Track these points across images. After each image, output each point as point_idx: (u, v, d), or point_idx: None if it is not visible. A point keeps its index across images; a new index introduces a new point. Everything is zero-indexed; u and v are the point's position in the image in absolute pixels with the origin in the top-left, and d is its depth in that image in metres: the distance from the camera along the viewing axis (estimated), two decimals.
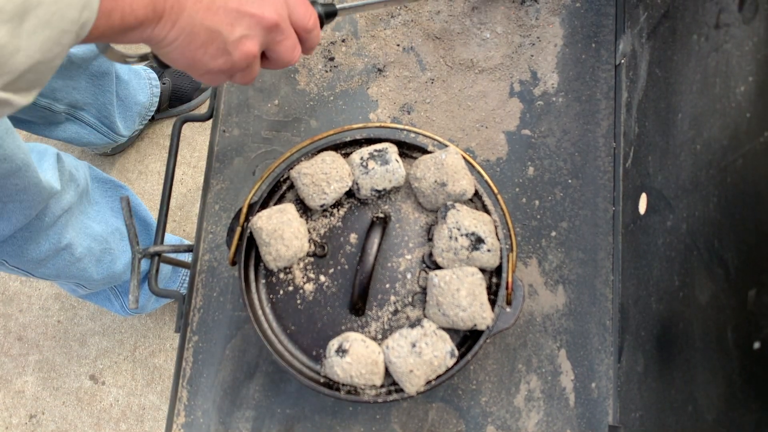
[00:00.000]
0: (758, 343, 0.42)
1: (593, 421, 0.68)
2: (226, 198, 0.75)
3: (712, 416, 0.47)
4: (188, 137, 1.51)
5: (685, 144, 0.56)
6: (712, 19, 0.54)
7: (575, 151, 0.75)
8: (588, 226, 0.73)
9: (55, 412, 1.41)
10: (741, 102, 0.47)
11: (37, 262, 0.96)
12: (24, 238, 0.92)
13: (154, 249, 0.73)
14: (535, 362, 0.69)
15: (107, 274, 1.11)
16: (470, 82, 0.78)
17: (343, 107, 0.78)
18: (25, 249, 0.93)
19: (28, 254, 0.94)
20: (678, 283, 0.55)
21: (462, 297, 0.58)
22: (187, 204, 1.49)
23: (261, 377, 0.70)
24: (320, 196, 0.62)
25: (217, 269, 0.73)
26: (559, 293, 0.71)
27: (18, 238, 0.91)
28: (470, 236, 0.60)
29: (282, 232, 0.60)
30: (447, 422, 0.68)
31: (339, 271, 0.63)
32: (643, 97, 0.68)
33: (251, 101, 0.79)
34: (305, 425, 0.68)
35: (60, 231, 0.96)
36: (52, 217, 0.92)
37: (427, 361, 0.57)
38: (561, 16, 0.79)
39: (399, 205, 0.65)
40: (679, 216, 0.56)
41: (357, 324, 0.62)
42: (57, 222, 0.94)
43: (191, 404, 0.69)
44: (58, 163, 0.93)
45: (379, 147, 0.63)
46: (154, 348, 1.43)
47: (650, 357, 0.60)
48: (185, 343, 0.71)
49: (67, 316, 1.46)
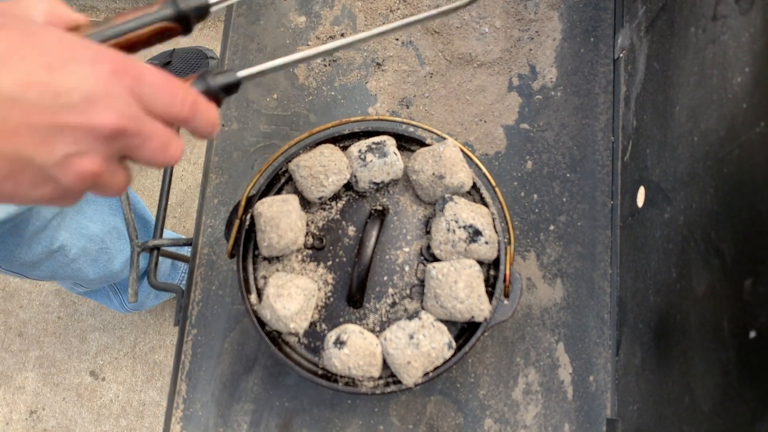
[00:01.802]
0: (754, 333, 0.42)
1: (591, 414, 0.68)
2: (224, 192, 0.75)
3: (708, 406, 0.47)
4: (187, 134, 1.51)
5: (683, 136, 0.57)
6: (709, 11, 0.54)
7: (574, 145, 0.75)
8: (586, 220, 0.73)
9: (55, 407, 1.41)
10: (738, 93, 0.47)
11: (30, 265, 0.96)
12: (14, 242, 0.91)
13: (153, 243, 0.73)
14: (534, 355, 0.69)
15: (104, 273, 1.10)
16: (469, 76, 0.78)
17: (342, 101, 0.78)
18: (17, 253, 0.92)
19: (20, 258, 0.93)
20: (675, 275, 0.55)
21: (460, 289, 0.58)
22: (187, 200, 1.50)
23: (260, 370, 0.70)
24: (318, 188, 0.62)
25: (216, 263, 0.73)
26: (557, 287, 0.71)
27: (8, 243, 0.90)
28: (468, 228, 0.60)
29: (278, 222, 0.60)
30: (445, 415, 0.68)
31: (337, 264, 0.63)
32: (642, 90, 0.69)
33: (250, 95, 0.79)
34: (304, 418, 0.68)
35: (52, 234, 0.95)
36: (42, 220, 0.92)
37: (424, 352, 0.57)
38: (560, 10, 0.79)
39: (397, 197, 0.65)
40: (676, 208, 0.56)
41: (355, 316, 0.62)
42: (48, 225, 0.93)
43: (190, 397, 0.69)
44: None
45: (378, 140, 0.63)
46: (154, 344, 1.43)
47: (648, 349, 0.60)
48: (184, 336, 0.71)
49: (67, 312, 1.46)
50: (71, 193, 0.40)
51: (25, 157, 0.36)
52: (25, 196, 0.38)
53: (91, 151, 0.38)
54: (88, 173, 0.38)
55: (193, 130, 0.43)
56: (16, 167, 0.36)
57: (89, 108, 0.37)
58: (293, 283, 0.59)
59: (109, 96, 0.37)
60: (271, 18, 0.81)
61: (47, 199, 0.39)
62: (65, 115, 0.36)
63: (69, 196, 0.40)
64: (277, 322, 0.58)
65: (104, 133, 0.37)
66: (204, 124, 0.43)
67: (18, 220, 0.87)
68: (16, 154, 0.36)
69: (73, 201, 0.41)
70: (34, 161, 0.36)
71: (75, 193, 0.40)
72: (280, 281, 0.59)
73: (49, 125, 0.36)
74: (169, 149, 0.42)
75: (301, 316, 0.59)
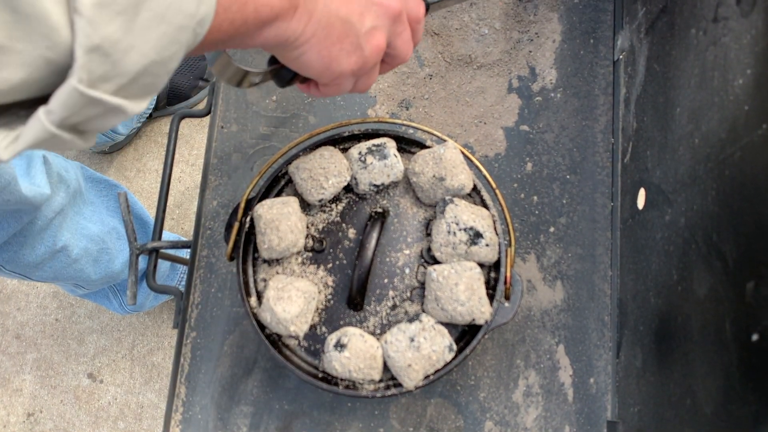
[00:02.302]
0: (756, 335, 0.42)
1: (592, 416, 0.68)
2: (224, 194, 0.75)
3: (710, 409, 0.47)
4: (186, 135, 1.51)
5: (684, 138, 0.56)
6: (710, 13, 0.54)
7: (573, 147, 0.75)
8: (586, 222, 0.73)
9: (53, 410, 1.40)
10: (739, 95, 0.47)
11: (33, 266, 0.96)
12: (19, 243, 0.91)
13: (152, 245, 0.73)
14: (534, 358, 0.69)
15: (105, 273, 1.10)
16: (468, 77, 0.78)
17: (341, 103, 0.78)
18: (21, 254, 0.92)
19: (24, 259, 0.93)
20: (676, 277, 0.55)
21: (460, 291, 0.58)
22: (185, 202, 1.49)
23: (259, 373, 0.69)
24: (318, 191, 0.62)
25: (215, 265, 0.73)
26: (557, 289, 0.71)
27: (13, 243, 0.90)
28: (468, 231, 0.60)
29: (278, 224, 0.59)
30: (445, 418, 0.68)
31: (337, 266, 0.63)
32: (642, 92, 0.68)
33: (249, 97, 0.78)
34: (303, 421, 0.68)
35: (54, 233, 0.95)
36: (44, 220, 0.92)
37: (425, 355, 0.57)
38: (559, 12, 0.79)
39: (397, 200, 0.65)
40: (677, 210, 0.56)
41: (355, 319, 0.62)
42: (50, 225, 0.94)
43: (189, 400, 0.69)
44: (45, 165, 0.92)
45: (378, 142, 0.63)
46: (152, 346, 1.43)
47: (649, 352, 0.60)
48: (183, 339, 0.71)
49: (65, 314, 1.45)
50: (366, 66, 0.48)
51: (350, 21, 0.45)
52: (342, 62, 0.46)
53: (383, 26, 0.48)
54: (380, 46, 0.48)
55: (416, 30, 0.53)
56: (345, 30, 0.45)
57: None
58: (293, 286, 0.59)
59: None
60: None
61: (351, 68, 0.47)
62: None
63: (362, 70, 0.48)
64: (278, 325, 0.58)
65: (392, 13, 0.48)
66: (421, 30, 0.54)
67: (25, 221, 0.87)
68: (348, 17, 0.45)
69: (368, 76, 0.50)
70: (354, 27, 0.45)
71: (368, 67, 0.48)
72: (280, 284, 0.59)
73: (367, 2, 0.46)
74: (411, 44, 0.52)
75: (301, 318, 0.58)
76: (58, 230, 0.96)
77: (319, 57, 0.45)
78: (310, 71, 0.46)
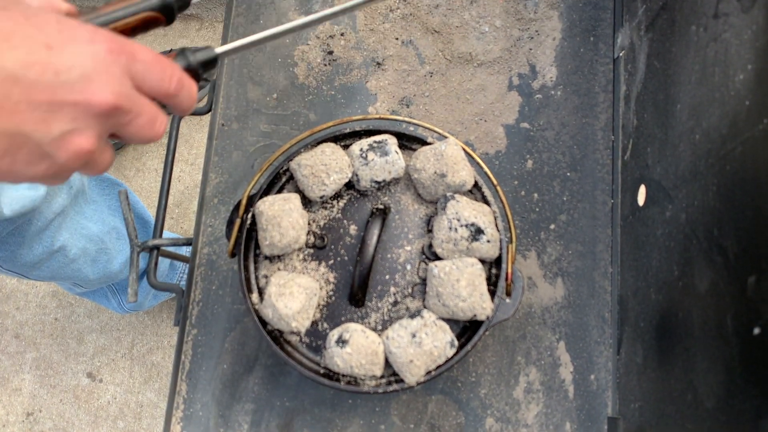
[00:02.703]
0: (758, 329, 0.42)
1: (592, 412, 0.68)
2: (224, 191, 0.75)
3: (711, 404, 0.47)
4: (186, 134, 1.51)
5: (684, 134, 0.57)
6: (710, 10, 0.54)
7: (574, 144, 0.75)
8: (587, 219, 0.73)
9: (52, 409, 1.40)
10: (740, 90, 0.47)
11: (31, 266, 0.96)
12: (17, 243, 0.91)
13: (152, 242, 0.73)
14: (535, 354, 0.69)
15: (103, 273, 1.10)
16: (469, 75, 0.78)
17: (342, 101, 0.78)
18: (19, 254, 0.92)
19: (21, 258, 0.93)
20: (677, 273, 0.56)
21: (462, 287, 0.58)
22: (185, 201, 1.49)
23: (260, 370, 0.70)
24: (320, 187, 0.62)
25: (216, 262, 0.73)
26: (558, 286, 0.71)
27: (10, 243, 0.90)
28: (470, 227, 0.60)
29: (280, 220, 0.59)
30: (446, 414, 0.68)
31: (339, 263, 0.63)
32: (642, 89, 0.69)
33: (250, 95, 0.78)
34: (305, 418, 0.68)
35: (53, 234, 0.95)
36: (44, 221, 0.92)
37: (427, 351, 0.57)
38: (559, 9, 0.79)
39: (399, 196, 0.65)
40: (678, 206, 0.56)
41: (357, 315, 0.62)
42: (50, 225, 0.93)
43: (190, 397, 0.69)
44: None
45: (379, 138, 0.63)
46: (152, 345, 1.43)
47: (649, 347, 0.60)
48: (184, 336, 0.71)
49: (64, 313, 1.45)
50: (65, 170, 0.40)
51: (23, 133, 0.36)
52: (21, 173, 0.39)
53: (86, 128, 0.38)
54: (84, 151, 0.39)
55: (175, 105, 0.44)
56: (15, 144, 0.37)
57: (87, 86, 0.37)
58: (295, 282, 0.59)
59: (105, 74, 0.38)
60: (270, 17, 0.81)
61: (41, 176, 0.40)
62: (64, 93, 0.37)
63: (61, 174, 0.40)
64: (279, 321, 0.58)
65: (100, 110, 0.38)
66: (186, 100, 0.45)
67: (20, 222, 0.87)
68: (16, 131, 0.36)
69: (63, 179, 0.41)
70: (33, 138, 0.37)
71: (68, 171, 0.40)
72: (282, 280, 0.59)
73: (49, 102, 0.36)
74: (156, 125, 0.42)
75: (302, 315, 0.58)
76: (57, 230, 0.96)
77: None
78: None
